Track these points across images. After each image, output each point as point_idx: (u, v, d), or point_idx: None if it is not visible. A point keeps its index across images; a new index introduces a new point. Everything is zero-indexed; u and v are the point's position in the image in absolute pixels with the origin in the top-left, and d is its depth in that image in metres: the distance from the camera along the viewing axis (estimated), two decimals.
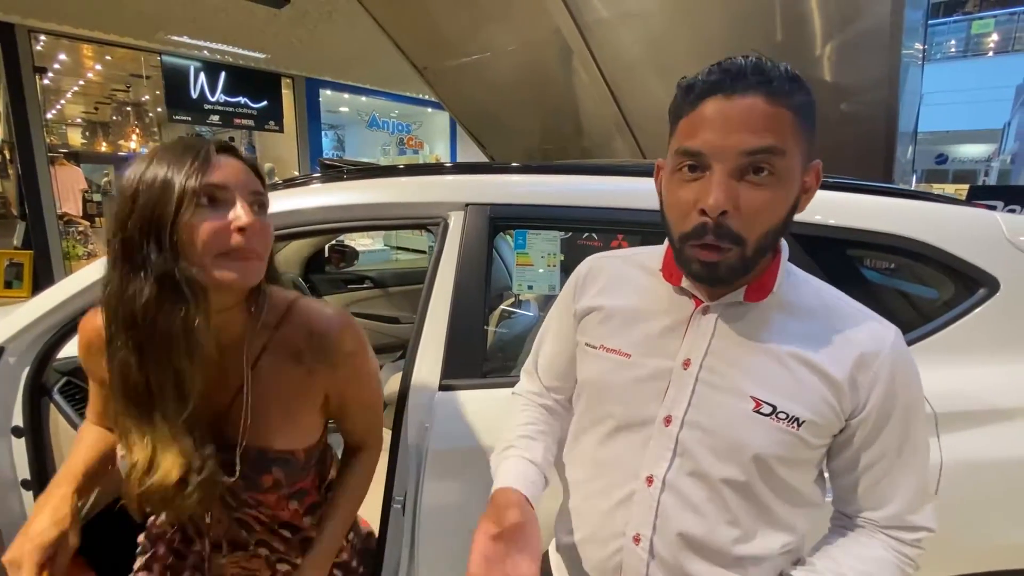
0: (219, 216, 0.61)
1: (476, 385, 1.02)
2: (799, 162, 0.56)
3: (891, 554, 0.62)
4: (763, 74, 0.53)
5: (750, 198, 0.54)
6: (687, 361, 0.63)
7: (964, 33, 13.08)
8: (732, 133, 0.53)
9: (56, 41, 6.13)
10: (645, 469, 0.64)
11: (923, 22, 2.47)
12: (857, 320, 0.62)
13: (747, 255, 0.56)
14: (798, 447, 0.60)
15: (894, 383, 0.60)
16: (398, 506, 1.05)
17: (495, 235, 1.09)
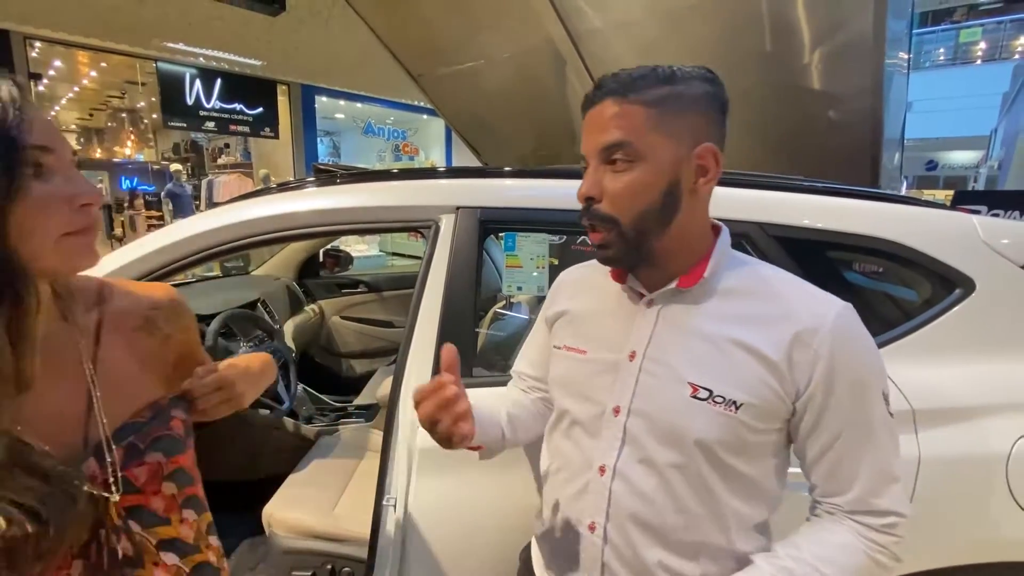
0: (54, 188, 0.49)
1: (467, 384, 1.03)
2: (665, 146, 0.61)
3: (858, 540, 0.62)
4: (617, 80, 0.62)
5: (612, 184, 0.62)
6: (632, 353, 0.66)
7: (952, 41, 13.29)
8: (590, 135, 0.63)
9: (51, 48, 6.15)
10: (598, 459, 0.67)
11: (907, 32, 2.52)
12: (797, 299, 0.63)
13: (626, 234, 0.63)
14: (739, 430, 0.61)
15: (835, 360, 0.60)
16: (390, 504, 1.07)
17: (485, 238, 1.12)
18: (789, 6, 1.79)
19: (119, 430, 0.57)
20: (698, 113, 0.62)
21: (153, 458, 0.58)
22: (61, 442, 0.52)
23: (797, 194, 1.13)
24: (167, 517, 0.59)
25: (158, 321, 0.66)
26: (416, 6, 2.57)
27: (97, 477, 0.53)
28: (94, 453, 0.54)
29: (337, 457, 1.61)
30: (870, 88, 1.86)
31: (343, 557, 1.29)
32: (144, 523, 0.56)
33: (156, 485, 0.58)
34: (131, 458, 0.56)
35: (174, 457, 0.60)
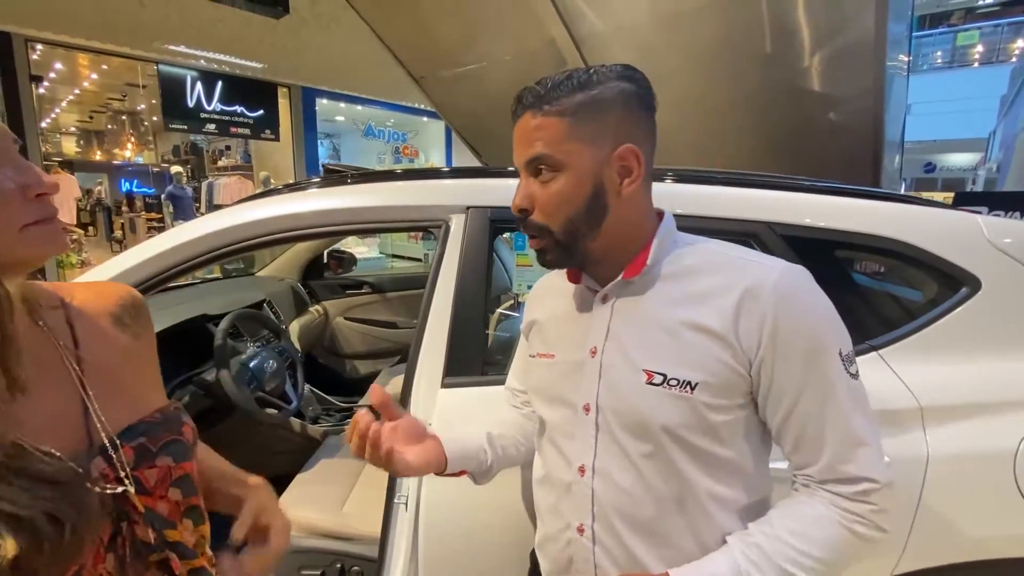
0: (22, 180, 0.48)
1: (478, 382, 1.04)
2: (583, 153, 0.62)
3: (832, 511, 0.59)
4: (533, 93, 0.63)
5: (541, 195, 0.64)
6: (594, 349, 0.67)
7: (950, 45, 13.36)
8: (516, 149, 0.66)
9: (52, 50, 6.15)
10: (576, 460, 0.68)
11: (907, 34, 2.54)
12: (740, 268, 0.62)
13: (560, 240, 0.65)
14: (700, 410, 0.60)
15: (779, 319, 0.58)
16: (401, 503, 1.07)
17: (495, 237, 1.12)
18: (790, 9, 1.81)
19: (128, 429, 0.57)
20: (616, 115, 0.62)
21: (163, 462, 0.58)
22: (65, 445, 0.51)
23: (805, 194, 1.14)
24: (172, 521, 0.58)
25: (125, 318, 0.64)
26: (419, 9, 2.58)
27: (109, 475, 0.53)
28: (100, 452, 0.53)
29: (344, 457, 1.61)
30: (871, 90, 1.88)
31: (352, 556, 1.29)
32: (153, 525, 0.56)
33: (164, 489, 0.58)
34: (142, 459, 0.56)
35: (182, 463, 0.60)
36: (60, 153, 10.85)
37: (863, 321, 1.06)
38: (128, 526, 0.54)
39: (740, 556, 0.59)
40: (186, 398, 1.50)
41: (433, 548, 1.02)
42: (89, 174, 11.75)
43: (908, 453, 0.96)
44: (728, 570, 0.59)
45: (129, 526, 0.54)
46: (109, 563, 0.51)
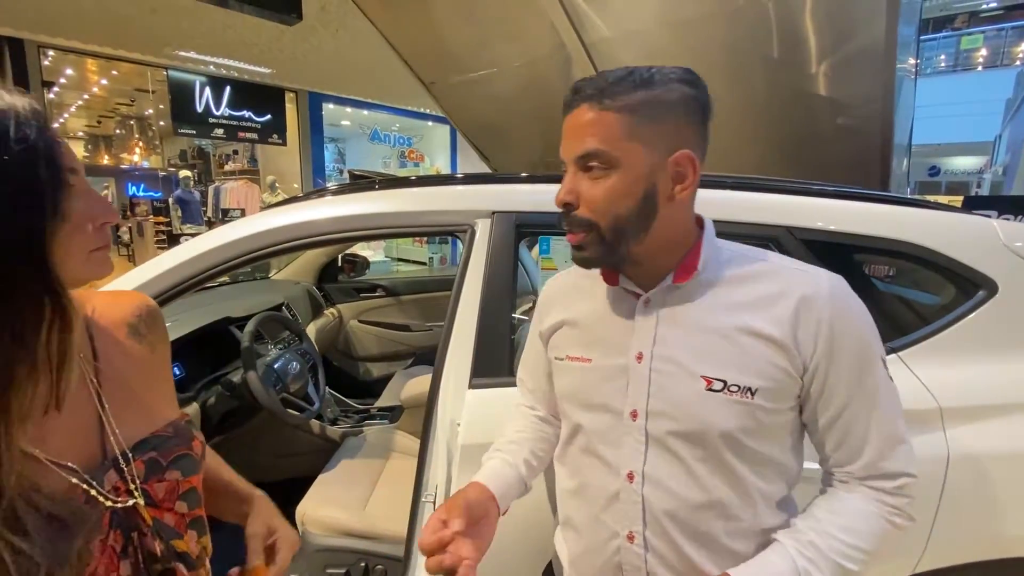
0: (86, 208, 0.49)
1: (505, 383, 1.06)
2: (640, 154, 0.61)
3: (874, 506, 0.63)
4: (593, 85, 0.61)
5: (589, 190, 0.63)
6: (639, 354, 0.66)
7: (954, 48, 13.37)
8: (567, 142, 0.64)
9: (63, 56, 6.22)
10: (624, 467, 0.66)
11: (915, 37, 2.56)
12: (789, 276, 0.64)
13: (605, 237, 0.63)
14: (759, 415, 0.62)
15: (834, 329, 0.61)
16: (428, 502, 1.09)
17: (520, 241, 1.15)
18: (798, 16, 1.82)
19: (140, 443, 0.57)
20: (675, 119, 0.62)
21: (172, 475, 0.59)
22: (80, 456, 0.52)
23: (824, 199, 1.16)
24: (179, 532, 0.59)
25: (141, 328, 0.64)
26: (430, 16, 2.61)
27: (120, 488, 0.54)
28: (113, 465, 0.54)
29: (364, 458, 1.64)
30: (881, 93, 1.89)
31: (376, 555, 1.31)
32: (161, 535, 0.57)
33: (171, 502, 0.59)
34: (152, 473, 0.57)
35: (190, 477, 0.61)
36: None
37: (882, 323, 1.08)
38: (138, 536, 0.55)
39: (797, 555, 0.61)
40: (212, 399, 1.53)
41: None
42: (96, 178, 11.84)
43: (928, 453, 0.97)
44: (788, 569, 0.60)
45: (139, 536, 0.55)
46: (124, 570, 0.53)
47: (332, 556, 1.32)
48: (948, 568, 0.99)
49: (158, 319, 0.67)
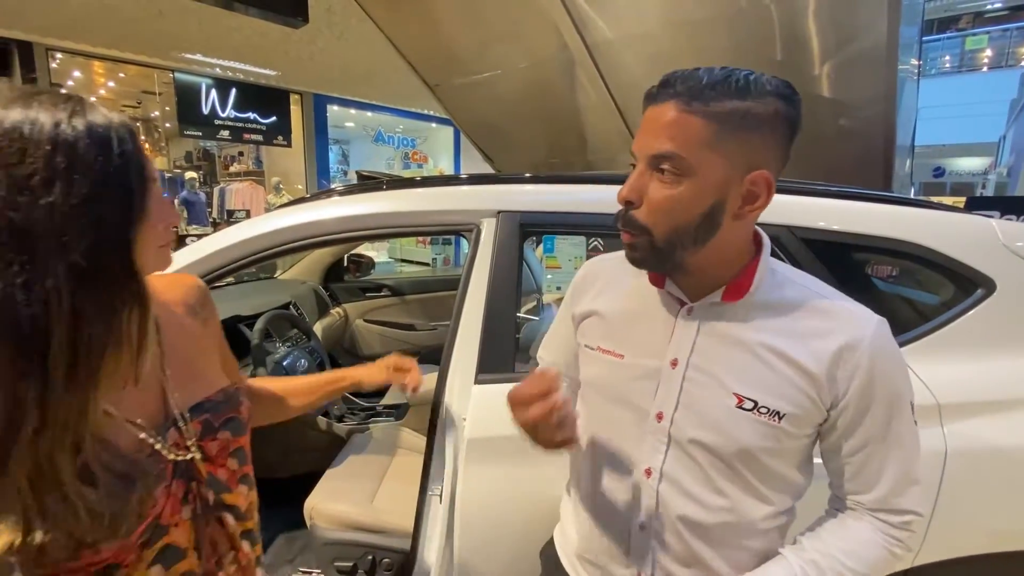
0: (162, 212, 0.56)
1: (509, 379, 1.08)
2: (717, 165, 0.58)
3: (878, 536, 0.66)
4: (685, 81, 0.58)
5: (654, 193, 0.60)
6: (675, 361, 0.67)
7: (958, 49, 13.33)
8: (644, 136, 0.61)
9: (71, 59, 6.28)
10: (643, 462, 0.69)
11: (918, 38, 2.57)
12: (837, 314, 0.64)
13: (656, 245, 0.61)
14: (781, 438, 0.64)
15: (873, 374, 0.62)
16: (434, 495, 1.12)
17: (525, 240, 1.17)
18: (801, 18, 1.84)
19: (196, 406, 0.65)
20: (762, 135, 0.59)
21: (223, 436, 0.67)
22: (147, 416, 0.61)
23: (823, 199, 1.18)
24: (229, 486, 0.68)
25: (196, 306, 0.72)
26: (435, 19, 2.63)
27: (180, 444, 0.62)
28: (174, 424, 0.62)
29: (371, 454, 1.66)
30: (883, 95, 1.90)
31: (383, 548, 1.33)
32: (214, 488, 0.65)
33: (223, 459, 0.67)
34: (206, 433, 0.65)
35: (238, 438, 0.69)
36: None
37: None
38: (196, 486, 0.63)
39: (799, 570, 0.64)
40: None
41: (466, 539, 1.06)
42: None
43: (926, 448, 0.98)
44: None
45: (197, 486, 0.63)
46: (185, 513, 0.62)
47: (340, 550, 1.35)
48: (945, 562, 1.01)
49: (208, 297, 0.76)
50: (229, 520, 0.66)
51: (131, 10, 4.65)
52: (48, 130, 0.46)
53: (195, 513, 0.62)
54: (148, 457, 0.58)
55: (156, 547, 0.58)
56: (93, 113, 0.49)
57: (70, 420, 0.48)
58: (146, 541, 0.57)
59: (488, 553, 1.07)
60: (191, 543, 0.62)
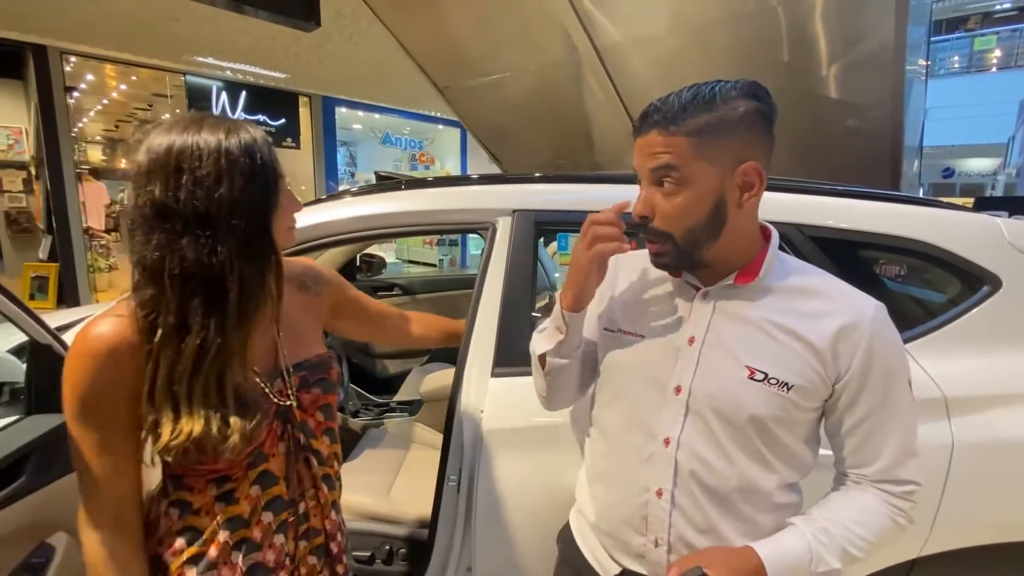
0: (288, 199, 0.74)
1: (525, 372, 1.12)
2: (708, 171, 0.67)
3: (883, 505, 0.71)
4: (659, 111, 0.68)
5: (663, 203, 0.70)
6: (692, 338, 0.74)
7: (967, 49, 13.25)
8: (641, 158, 0.71)
9: (84, 62, 6.37)
10: (662, 432, 0.74)
11: (925, 39, 2.57)
12: (840, 297, 0.71)
13: (680, 246, 0.70)
14: (789, 408, 0.69)
15: (872, 351, 0.68)
16: (452, 484, 1.15)
17: (539, 238, 1.21)
18: (808, 19, 1.86)
19: (297, 364, 0.81)
20: (739, 134, 0.67)
21: (315, 391, 0.82)
22: (264, 365, 0.78)
23: (832, 198, 1.21)
24: (316, 434, 0.83)
25: (308, 283, 0.91)
26: (445, 21, 2.67)
27: (283, 391, 0.78)
28: (280, 375, 0.79)
29: (386, 448, 1.70)
30: (891, 95, 1.92)
31: (400, 538, 1.37)
32: (304, 432, 0.80)
33: (313, 411, 0.82)
34: (303, 386, 0.81)
35: (327, 395, 0.85)
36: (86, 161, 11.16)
37: None
38: (291, 428, 0.79)
39: (811, 537, 0.69)
40: None
41: (484, 526, 1.10)
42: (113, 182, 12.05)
43: (934, 441, 1.02)
44: (802, 549, 0.68)
45: (291, 428, 0.79)
46: (281, 448, 0.78)
47: (358, 539, 1.38)
48: (952, 552, 1.03)
49: (321, 274, 0.95)
50: (314, 462, 0.81)
51: (146, 15, 4.72)
52: (214, 144, 0.66)
53: (288, 449, 0.78)
54: (260, 396, 0.74)
55: (258, 469, 0.75)
56: (242, 131, 0.69)
57: (236, 347, 0.68)
58: (251, 463, 0.74)
59: (506, 539, 1.10)
60: (283, 473, 0.77)
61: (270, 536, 0.76)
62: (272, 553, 0.76)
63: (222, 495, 0.74)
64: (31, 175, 6.14)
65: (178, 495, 0.74)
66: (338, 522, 0.89)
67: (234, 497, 0.74)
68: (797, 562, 0.68)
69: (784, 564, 0.67)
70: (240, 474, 0.74)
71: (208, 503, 0.73)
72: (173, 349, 0.65)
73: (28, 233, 6.15)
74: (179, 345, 0.65)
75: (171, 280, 0.65)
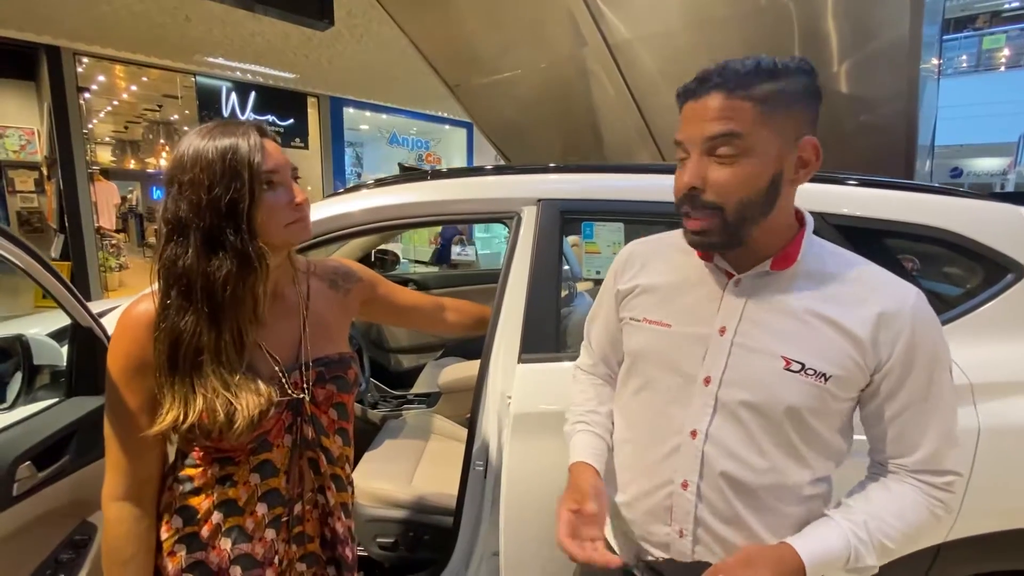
0: (280, 196, 0.75)
1: (553, 358, 1.13)
2: (772, 141, 0.64)
3: (922, 496, 0.68)
4: (722, 75, 0.64)
5: (717, 173, 0.65)
6: (723, 328, 0.71)
7: (975, 48, 13.17)
8: (695, 125, 0.66)
9: (96, 63, 6.43)
10: (689, 424, 0.72)
11: (938, 37, 2.57)
12: (879, 283, 0.68)
13: (728, 220, 0.66)
14: (826, 399, 0.67)
15: (915, 339, 0.65)
16: (478, 469, 1.16)
17: (565, 227, 1.22)
18: (820, 16, 1.87)
19: (317, 359, 0.82)
20: (800, 108, 0.65)
21: (330, 388, 0.83)
22: (284, 357, 0.79)
23: (855, 187, 1.22)
24: (327, 432, 0.83)
25: (339, 281, 0.94)
26: (457, 19, 2.69)
27: (298, 384, 0.79)
28: (299, 368, 0.80)
29: (406, 438, 1.72)
30: (905, 93, 1.92)
31: (423, 525, 1.38)
32: (314, 428, 0.81)
33: (326, 407, 0.83)
34: (319, 381, 0.82)
35: (341, 394, 0.85)
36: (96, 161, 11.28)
37: None
38: (300, 421, 0.79)
39: (850, 534, 0.66)
40: None
41: (509, 512, 1.10)
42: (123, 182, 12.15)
43: (961, 426, 1.02)
44: (840, 544, 0.66)
45: (300, 422, 0.79)
46: (286, 441, 0.79)
47: (382, 526, 1.40)
48: (979, 536, 1.04)
49: (351, 272, 0.98)
50: (323, 461, 0.81)
51: (159, 16, 4.77)
52: (192, 152, 0.70)
53: (294, 442, 0.79)
54: (275, 384, 0.75)
55: (260, 457, 0.76)
56: (227, 135, 0.71)
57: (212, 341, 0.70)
58: (254, 449, 0.76)
59: (533, 523, 1.11)
60: (283, 467, 0.78)
61: (261, 529, 0.77)
62: (261, 547, 0.77)
63: (222, 477, 0.76)
64: (43, 175, 6.20)
65: (184, 471, 0.77)
66: (348, 526, 0.88)
67: (232, 480, 0.76)
68: (836, 559, 0.66)
69: (824, 562, 0.66)
70: (242, 458, 0.76)
71: (208, 482, 0.76)
72: (161, 338, 0.70)
73: (39, 233, 6.21)
74: (168, 334, 0.70)
75: (159, 275, 0.72)
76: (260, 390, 0.73)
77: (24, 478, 0.81)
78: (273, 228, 0.74)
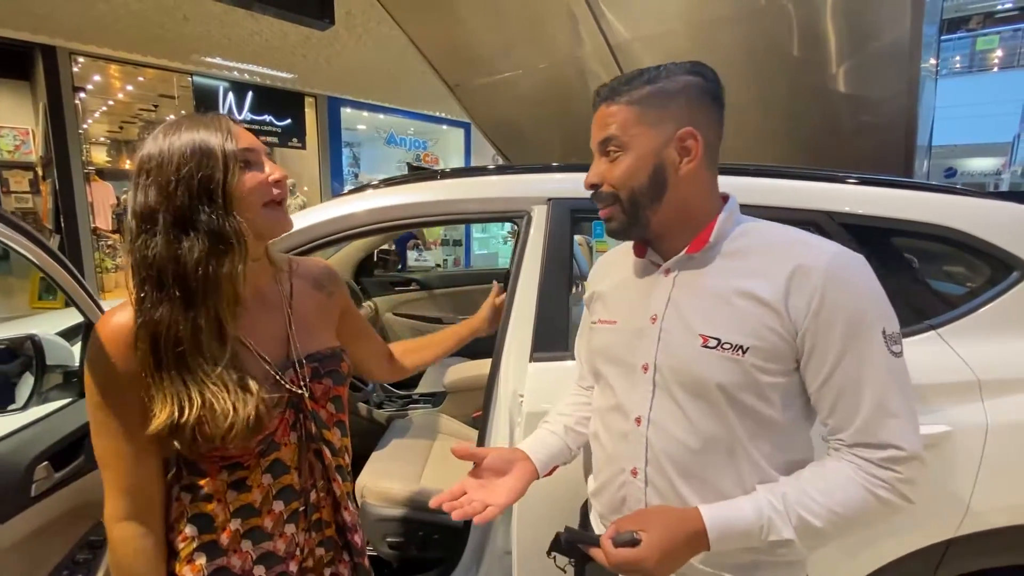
0: (256, 173, 0.73)
1: (563, 357, 1.14)
2: (647, 135, 0.71)
3: (857, 473, 0.64)
4: (608, 87, 0.74)
5: (609, 172, 0.74)
6: (654, 316, 0.75)
7: (968, 49, 13.27)
8: (593, 134, 0.76)
9: (92, 63, 6.39)
10: (634, 411, 0.76)
11: (937, 37, 2.59)
12: (796, 247, 0.69)
13: (624, 207, 0.73)
14: (752, 372, 0.67)
15: (827, 295, 0.64)
16: None
17: (575, 226, 1.23)
18: (820, 17, 1.88)
19: (309, 355, 0.82)
20: (678, 104, 0.71)
21: (326, 382, 0.83)
22: (274, 355, 0.78)
23: (861, 186, 1.23)
24: (328, 425, 0.83)
25: (323, 281, 0.92)
26: (458, 19, 2.69)
27: (295, 381, 0.79)
28: (292, 365, 0.79)
29: (413, 438, 1.72)
30: (904, 93, 1.93)
31: (433, 524, 1.38)
32: (316, 423, 0.81)
33: (324, 402, 0.83)
34: (314, 377, 0.81)
35: (337, 387, 0.86)
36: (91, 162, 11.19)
37: (919, 302, 1.15)
38: (303, 418, 0.79)
39: (764, 503, 0.65)
40: None
41: (525, 506, 1.11)
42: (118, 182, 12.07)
43: (969, 423, 1.04)
44: (752, 513, 0.65)
45: (303, 418, 0.79)
46: (292, 438, 0.79)
47: (391, 526, 1.40)
48: (988, 531, 1.05)
49: (336, 276, 0.96)
50: (327, 452, 0.81)
51: (157, 15, 4.75)
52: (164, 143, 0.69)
53: (300, 439, 0.79)
54: (271, 385, 0.75)
55: (269, 458, 0.76)
56: (195, 126, 0.70)
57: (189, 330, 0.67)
58: (263, 451, 0.75)
59: (546, 521, 1.11)
60: (294, 463, 0.79)
61: (280, 525, 0.77)
62: (283, 542, 0.77)
63: (234, 483, 0.74)
64: (37, 175, 6.16)
65: (190, 480, 0.75)
66: (355, 514, 0.89)
67: (246, 485, 0.75)
68: (747, 528, 0.64)
69: (730, 529, 0.64)
70: (252, 462, 0.74)
71: (220, 489, 0.74)
72: (141, 336, 0.67)
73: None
74: (146, 330, 0.67)
75: (132, 272, 0.70)
76: (250, 388, 0.70)
77: (42, 479, 0.80)
78: (251, 207, 0.71)
